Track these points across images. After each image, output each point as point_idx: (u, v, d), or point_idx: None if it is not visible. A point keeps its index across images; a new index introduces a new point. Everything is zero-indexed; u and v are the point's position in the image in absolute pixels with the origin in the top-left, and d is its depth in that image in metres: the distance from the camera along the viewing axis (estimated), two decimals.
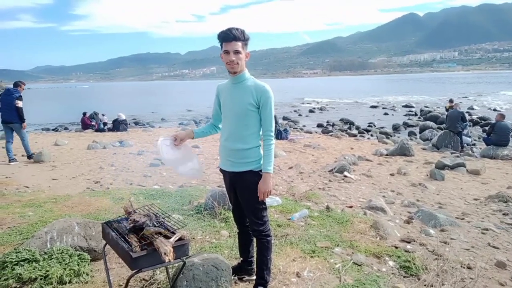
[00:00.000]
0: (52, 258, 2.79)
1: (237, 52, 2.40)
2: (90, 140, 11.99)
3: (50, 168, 7.81)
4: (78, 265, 2.81)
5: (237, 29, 2.39)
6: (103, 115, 17.43)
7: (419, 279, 3.01)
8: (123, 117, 16.34)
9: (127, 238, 2.07)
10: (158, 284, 2.72)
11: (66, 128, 20.40)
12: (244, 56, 2.45)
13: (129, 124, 17.51)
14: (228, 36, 2.38)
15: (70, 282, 2.71)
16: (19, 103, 8.06)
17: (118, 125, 15.77)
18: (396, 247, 3.64)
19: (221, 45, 2.44)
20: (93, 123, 16.96)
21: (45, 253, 2.88)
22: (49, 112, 31.96)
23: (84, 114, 17.17)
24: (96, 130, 15.99)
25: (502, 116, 10.60)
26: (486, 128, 11.27)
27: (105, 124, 16.52)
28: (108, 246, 2.40)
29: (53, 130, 19.75)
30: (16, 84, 8.41)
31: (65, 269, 2.73)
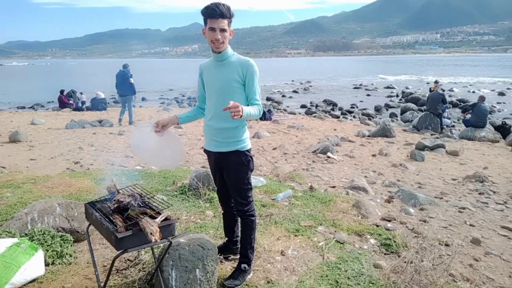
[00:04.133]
0: (34, 240, 2.73)
1: (223, 30, 2.30)
2: (68, 119, 11.65)
3: (28, 148, 7.57)
4: (60, 246, 2.77)
5: (223, 5, 2.27)
6: (81, 93, 16.89)
7: (399, 256, 3.11)
8: (102, 95, 15.86)
9: (111, 219, 2.03)
10: (143, 265, 2.72)
11: (42, 106, 19.77)
12: (229, 34, 2.36)
13: (108, 103, 17.05)
14: (214, 12, 2.25)
15: (53, 263, 2.67)
16: (132, 80, 10.78)
17: (97, 104, 15.33)
18: (377, 226, 3.73)
19: (205, 20, 2.32)
20: (71, 101, 16.44)
21: (26, 234, 2.82)
22: (25, 90, 30.80)
23: (62, 92, 16.57)
24: (74, 109, 15.52)
25: (482, 98, 10.85)
26: (466, 111, 11.51)
27: (83, 103, 16.04)
28: (91, 227, 2.36)
29: (29, 108, 19.10)
30: (125, 66, 10.98)
31: (47, 250, 2.68)
